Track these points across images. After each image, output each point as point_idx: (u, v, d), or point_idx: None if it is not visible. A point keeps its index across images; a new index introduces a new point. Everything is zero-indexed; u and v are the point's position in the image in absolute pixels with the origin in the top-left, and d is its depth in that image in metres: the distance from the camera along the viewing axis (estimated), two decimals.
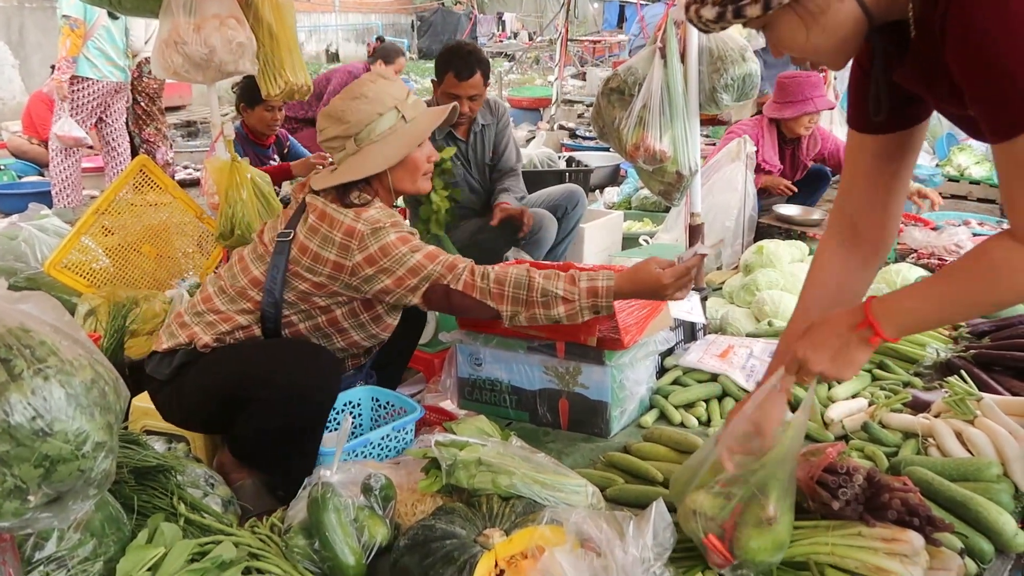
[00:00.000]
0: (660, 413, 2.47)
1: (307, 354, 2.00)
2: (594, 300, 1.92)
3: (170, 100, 6.33)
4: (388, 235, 1.98)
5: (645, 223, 4.63)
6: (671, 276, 1.90)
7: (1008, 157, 1.18)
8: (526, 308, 1.96)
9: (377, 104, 2.03)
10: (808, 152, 4.36)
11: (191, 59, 2.92)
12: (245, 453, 2.06)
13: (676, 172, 2.98)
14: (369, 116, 2.02)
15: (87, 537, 1.50)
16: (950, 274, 1.32)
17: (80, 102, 5.02)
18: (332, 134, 2.07)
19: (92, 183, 5.79)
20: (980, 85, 1.16)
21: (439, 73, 3.30)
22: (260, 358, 1.99)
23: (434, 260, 1.99)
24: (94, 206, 3.20)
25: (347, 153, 2.05)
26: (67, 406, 1.19)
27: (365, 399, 2.39)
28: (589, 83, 9.13)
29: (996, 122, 1.17)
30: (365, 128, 2.03)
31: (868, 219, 1.56)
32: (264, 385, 1.90)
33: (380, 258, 1.98)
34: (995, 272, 1.23)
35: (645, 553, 1.47)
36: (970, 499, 1.75)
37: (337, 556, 1.63)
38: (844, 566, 1.54)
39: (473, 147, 3.50)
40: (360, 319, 2.14)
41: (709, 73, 3.04)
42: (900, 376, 2.51)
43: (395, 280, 1.99)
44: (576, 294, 1.92)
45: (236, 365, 1.99)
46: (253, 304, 2.07)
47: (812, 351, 1.44)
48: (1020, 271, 1.21)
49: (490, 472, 1.78)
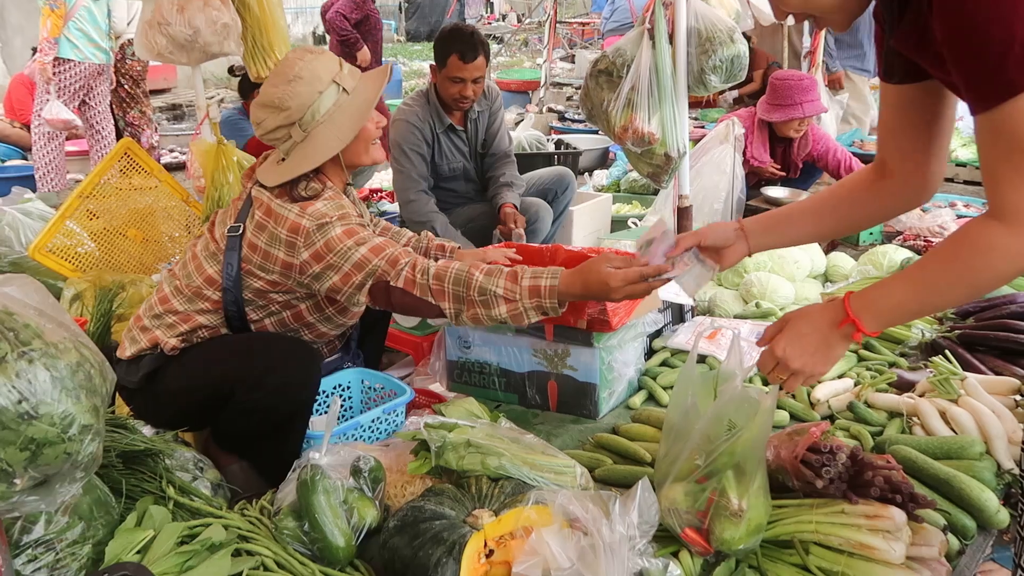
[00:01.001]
0: (648, 394, 2.48)
1: (284, 349, 1.97)
2: (538, 300, 1.79)
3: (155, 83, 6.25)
4: (334, 229, 1.88)
5: (634, 205, 4.63)
6: (620, 280, 1.72)
7: (988, 129, 1.14)
8: (467, 307, 1.85)
9: (315, 82, 1.89)
10: (799, 152, 4.33)
11: (175, 40, 2.89)
12: (229, 445, 2.06)
13: (664, 154, 2.98)
14: (310, 97, 1.89)
15: (75, 520, 1.50)
16: (930, 262, 1.28)
17: (63, 84, 4.95)
18: (273, 124, 1.92)
19: (76, 167, 5.74)
20: (962, 52, 1.12)
21: (441, 56, 3.22)
22: (236, 356, 1.96)
23: (379, 254, 1.89)
24: (79, 190, 3.17)
25: (294, 142, 1.92)
26: (52, 389, 1.18)
27: (355, 381, 2.39)
28: (578, 65, 9.09)
29: (977, 91, 1.13)
30: (308, 111, 1.89)
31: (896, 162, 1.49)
32: (244, 384, 1.88)
33: (326, 254, 1.88)
34: (975, 255, 1.19)
35: (631, 531, 1.49)
36: (953, 477, 1.78)
37: (327, 538, 1.64)
38: (828, 543, 1.56)
39: (469, 135, 3.46)
40: (326, 313, 2.10)
41: (698, 55, 3.03)
42: (886, 356, 2.53)
43: (342, 277, 1.90)
44: (517, 293, 1.80)
45: (212, 366, 1.96)
46: (211, 304, 2.02)
47: (791, 350, 1.39)
48: (1000, 252, 1.17)
49: (479, 453, 1.78)
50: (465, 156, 3.45)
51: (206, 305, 2.03)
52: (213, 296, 2.02)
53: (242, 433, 1.98)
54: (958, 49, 1.13)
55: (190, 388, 1.97)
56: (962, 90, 1.17)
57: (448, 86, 3.24)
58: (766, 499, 1.59)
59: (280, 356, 1.93)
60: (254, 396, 1.88)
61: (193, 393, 1.97)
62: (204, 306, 2.03)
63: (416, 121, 3.29)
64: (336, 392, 2.33)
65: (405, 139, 3.27)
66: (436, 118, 3.33)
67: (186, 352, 2.02)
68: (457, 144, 3.42)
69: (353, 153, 2.01)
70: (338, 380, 2.35)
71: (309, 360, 1.98)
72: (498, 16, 20.17)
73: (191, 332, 2.03)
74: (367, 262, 1.88)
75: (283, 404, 1.92)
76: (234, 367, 1.92)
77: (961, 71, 1.14)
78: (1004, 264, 1.18)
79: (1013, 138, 1.11)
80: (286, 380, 1.90)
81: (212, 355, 2.00)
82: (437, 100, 3.33)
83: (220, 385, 1.92)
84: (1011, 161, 1.12)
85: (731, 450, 1.55)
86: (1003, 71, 1.08)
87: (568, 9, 14.53)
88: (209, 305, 2.02)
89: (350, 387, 2.38)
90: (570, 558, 1.45)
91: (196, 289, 2.03)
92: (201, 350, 2.02)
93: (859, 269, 3.36)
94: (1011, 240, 1.15)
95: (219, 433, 2.07)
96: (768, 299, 3.03)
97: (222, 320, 2.04)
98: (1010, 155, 1.12)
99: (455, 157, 3.41)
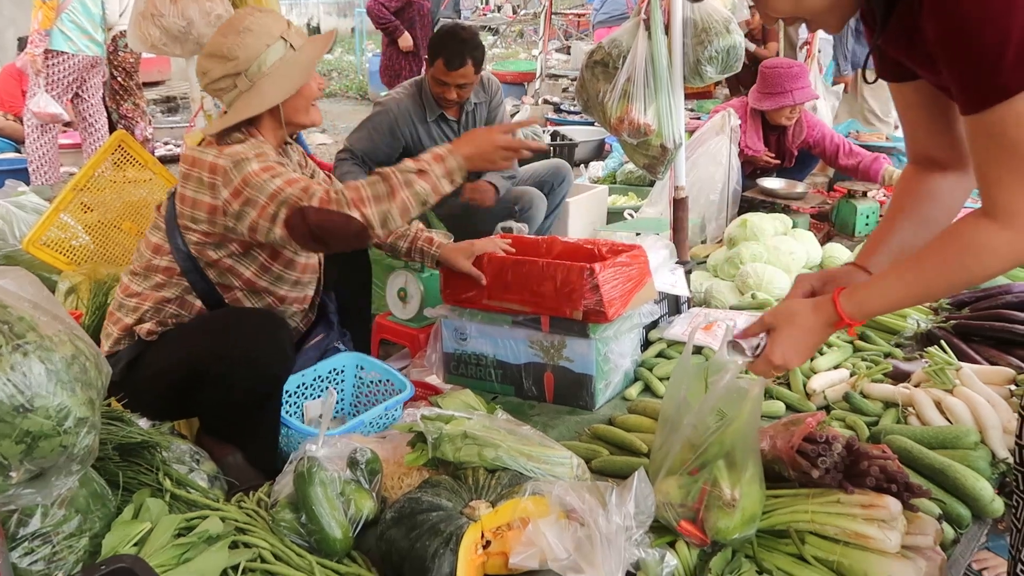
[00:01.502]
0: (644, 385, 2.49)
1: (254, 323, 1.96)
2: (444, 165, 1.90)
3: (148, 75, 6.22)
4: (250, 165, 1.91)
5: (630, 197, 4.63)
6: (502, 138, 1.95)
7: (980, 130, 1.13)
8: (391, 199, 1.86)
9: (264, 36, 1.96)
10: (794, 139, 4.33)
11: (169, 32, 2.88)
12: (215, 429, 2.04)
13: (660, 145, 2.97)
14: (257, 49, 1.95)
15: (72, 513, 1.50)
16: (924, 260, 1.27)
17: (55, 77, 4.92)
18: (220, 73, 1.97)
19: (70, 159, 5.71)
20: (954, 52, 1.11)
21: (431, 56, 3.25)
22: (208, 334, 1.96)
23: (292, 184, 1.89)
24: (72, 183, 3.15)
25: (239, 91, 1.97)
26: (47, 382, 1.18)
27: (350, 367, 2.39)
28: (574, 57, 9.06)
29: (969, 93, 1.12)
30: (255, 62, 1.95)
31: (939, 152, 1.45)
32: (215, 360, 1.88)
33: (243, 189, 1.89)
34: (969, 254, 1.19)
35: (627, 522, 1.49)
36: (948, 466, 1.79)
37: (324, 530, 1.64)
38: (824, 533, 1.57)
39: (465, 126, 3.45)
40: (273, 271, 2.10)
41: (693, 45, 3.02)
42: (881, 347, 2.54)
43: (259, 211, 1.89)
44: (428, 164, 1.89)
45: (184, 345, 1.97)
46: (164, 273, 2.03)
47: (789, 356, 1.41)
48: (993, 250, 1.17)
49: (476, 445, 1.78)
50: None
51: (160, 277, 2.04)
52: (163, 263, 2.03)
53: (221, 415, 1.97)
54: (950, 50, 1.11)
55: (167, 370, 1.96)
56: (953, 91, 1.16)
57: (433, 84, 3.29)
58: (760, 488, 1.60)
59: (250, 330, 1.92)
60: (224, 371, 1.87)
61: (170, 376, 1.96)
62: (159, 279, 2.05)
63: (392, 107, 3.34)
64: (331, 376, 2.34)
65: (372, 119, 3.36)
66: (426, 107, 3.35)
67: (163, 336, 2.03)
68: (446, 134, 3.41)
69: (293, 109, 2.04)
70: (333, 364, 2.35)
71: (277, 333, 1.96)
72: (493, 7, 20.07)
73: (157, 310, 2.04)
74: (280, 191, 1.88)
75: (253, 379, 1.90)
76: (206, 344, 1.92)
77: (953, 72, 1.13)
78: (997, 262, 1.19)
79: (1005, 141, 1.10)
80: (255, 353, 1.89)
81: (186, 335, 2.01)
82: (432, 92, 3.33)
83: (194, 364, 1.91)
84: (1003, 163, 1.12)
85: (721, 440, 1.55)
86: (997, 74, 1.06)
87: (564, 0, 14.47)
88: (162, 276, 2.04)
89: (344, 371, 2.38)
90: (567, 549, 1.46)
91: (147, 263, 2.06)
92: (177, 332, 2.03)
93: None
94: (1004, 239, 1.15)
95: (204, 419, 2.06)
96: (764, 290, 3.03)
97: (187, 290, 2.04)
98: (1002, 157, 1.12)
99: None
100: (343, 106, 11.15)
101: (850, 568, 1.52)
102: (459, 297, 2.47)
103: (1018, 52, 1.04)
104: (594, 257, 2.48)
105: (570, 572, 1.43)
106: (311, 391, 2.30)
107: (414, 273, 2.75)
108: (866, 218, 3.94)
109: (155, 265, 2.05)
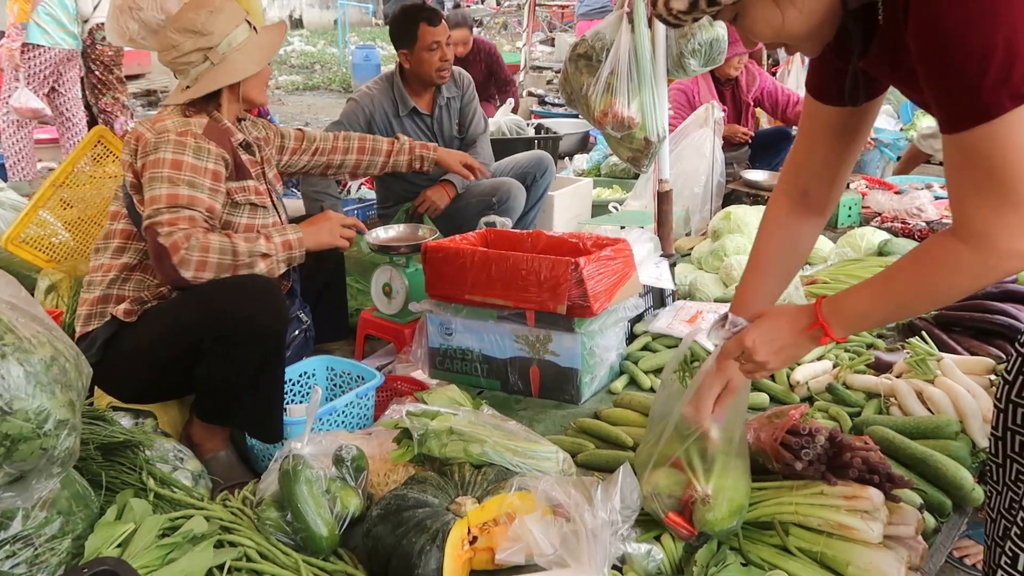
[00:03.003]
0: (630, 379, 2.49)
1: (243, 285, 1.95)
2: (289, 253, 2.06)
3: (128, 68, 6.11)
4: (164, 150, 1.98)
5: (614, 190, 4.63)
6: (341, 228, 2.19)
7: (957, 150, 1.13)
8: (229, 270, 1.97)
9: (233, 16, 2.12)
10: (748, 90, 4.45)
11: (147, 25, 2.82)
12: (213, 408, 2.00)
13: (644, 138, 2.97)
14: (228, 28, 2.10)
15: (54, 515, 1.48)
16: (897, 275, 1.28)
17: (32, 71, 4.85)
18: (191, 47, 2.08)
19: (48, 155, 5.63)
20: (936, 70, 1.10)
21: (407, 33, 3.26)
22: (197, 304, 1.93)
23: (172, 203, 1.94)
24: (51, 178, 3.11)
25: (210, 64, 2.10)
26: (26, 384, 1.16)
27: (320, 368, 2.40)
28: (558, 49, 9.06)
29: (949, 111, 1.11)
30: (226, 39, 2.10)
31: (819, 188, 1.53)
32: (213, 328, 1.86)
33: (147, 170, 1.99)
34: (939, 273, 1.20)
35: (613, 516, 1.50)
36: (930, 456, 1.81)
37: (310, 527, 1.63)
38: (808, 524, 1.58)
39: (439, 120, 3.45)
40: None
41: (676, 38, 3.02)
42: (864, 338, 2.56)
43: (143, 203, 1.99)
44: (276, 248, 2.03)
45: (173, 317, 1.96)
46: (121, 237, 2.11)
47: (760, 343, 1.43)
48: (964, 272, 1.17)
49: (462, 441, 1.78)
50: (433, 141, 3.42)
51: (118, 241, 2.11)
52: (119, 226, 2.11)
53: (221, 387, 1.93)
54: (932, 68, 1.11)
55: (152, 347, 1.94)
56: (934, 109, 1.15)
57: (426, 59, 3.27)
58: (746, 481, 1.61)
59: (241, 292, 1.93)
60: (223, 335, 1.86)
61: (157, 352, 1.94)
62: (117, 242, 2.11)
63: (366, 102, 3.35)
64: (303, 379, 2.34)
65: (346, 115, 3.36)
66: (398, 102, 3.35)
67: (144, 315, 2.02)
68: (420, 128, 3.40)
69: (252, 86, 2.22)
70: (303, 368, 2.35)
71: (271, 291, 1.97)
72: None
73: (123, 280, 2.07)
74: (154, 202, 1.95)
75: (256, 339, 1.89)
76: (197, 313, 1.90)
77: (934, 89, 1.12)
78: (967, 282, 1.19)
79: (981, 163, 1.09)
80: (254, 313, 1.88)
81: (171, 308, 2.00)
82: (402, 84, 3.34)
83: (186, 334, 1.89)
84: (978, 185, 1.11)
85: (703, 434, 1.56)
86: (978, 94, 1.06)
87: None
88: (120, 239, 2.11)
89: (315, 374, 2.38)
90: (553, 544, 1.46)
91: (107, 231, 2.14)
92: (158, 308, 2.03)
93: (837, 251, 3.39)
94: (974, 260, 1.15)
95: (198, 398, 2.02)
96: None
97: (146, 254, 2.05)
98: (977, 179, 1.11)
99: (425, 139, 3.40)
100: (326, 99, 11.08)
101: (833, 559, 1.53)
102: (444, 292, 2.47)
103: (999, 74, 1.03)
104: (579, 251, 2.48)
105: (556, 567, 1.44)
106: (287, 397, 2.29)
107: (399, 268, 2.74)
108: (848, 209, 3.97)
109: (113, 230, 2.12)
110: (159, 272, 1.99)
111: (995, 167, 1.08)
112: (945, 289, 1.22)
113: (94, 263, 2.14)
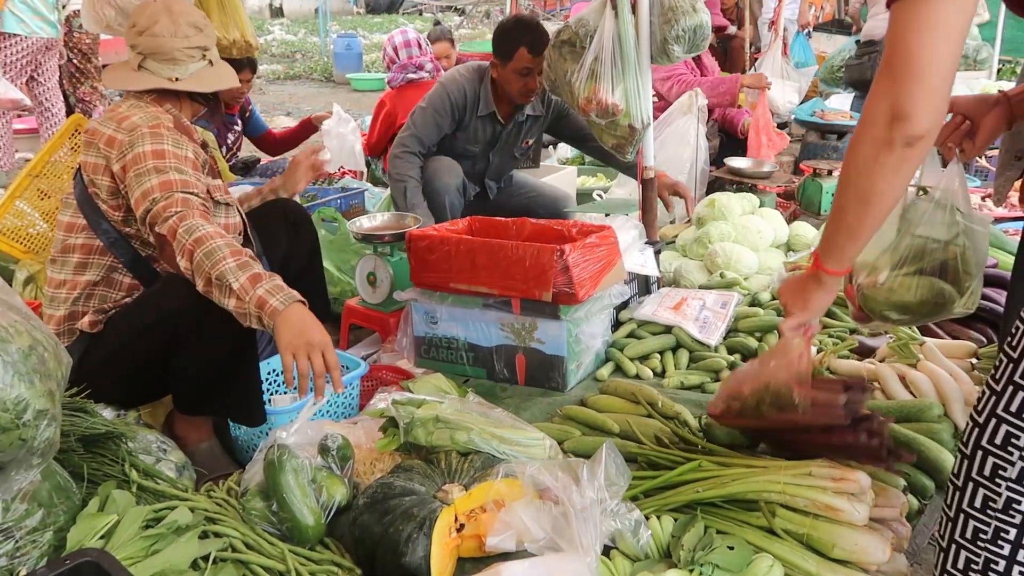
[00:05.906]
0: (616, 366, 2.50)
1: None
2: (259, 312, 1.69)
3: (106, 57, 6.02)
4: (143, 144, 1.91)
5: (599, 178, 4.63)
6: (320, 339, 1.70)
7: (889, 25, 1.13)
8: (203, 281, 1.75)
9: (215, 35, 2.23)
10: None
11: (124, 12, 2.79)
12: (193, 398, 1.97)
13: (628, 125, 2.96)
14: (214, 41, 2.19)
15: (35, 507, 1.46)
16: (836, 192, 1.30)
17: (9, 60, 4.76)
18: (199, 43, 2.09)
19: (25, 145, 5.55)
20: None
21: (507, 49, 3.13)
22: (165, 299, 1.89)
23: (166, 189, 1.85)
24: (28, 168, 3.06)
25: (207, 62, 2.12)
26: (4, 373, 1.14)
27: None
28: None
29: None
30: (214, 48, 2.17)
31: None
32: (186, 319, 1.83)
33: (130, 169, 1.89)
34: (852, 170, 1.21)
35: (601, 494, 1.50)
36: (913, 439, 1.82)
37: (296, 517, 1.62)
38: (795, 505, 1.59)
39: (511, 133, 3.38)
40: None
41: (660, 24, 3.00)
42: (847, 323, 2.58)
43: (134, 202, 1.88)
44: (248, 296, 1.70)
45: (142, 321, 1.91)
46: (81, 252, 2.02)
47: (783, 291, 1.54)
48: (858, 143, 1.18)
49: (448, 429, 1.78)
50: (487, 147, 3.37)
51: (78, 256, 2.02)
52: (78, 241, 2.02)
53: (198, 378, 1.91)
54: None
55: (126, 350, 1.91)
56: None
57: (514, 80, 3.16)
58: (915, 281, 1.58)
59: None
60: (196, 325, 1.83)
61: (132, 354, 1.91)
62: (77, 258, 2.02)
63: (456, 93, 3.24)
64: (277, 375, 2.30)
65: (433, 102, 3.26)
66: (481, 100, 3.27)
67: (110, 322, 1.99)
68: (488, 134, 3.34)
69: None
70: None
71: None
72: None
73: (88, 296, 2.01)
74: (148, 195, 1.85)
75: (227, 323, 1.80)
76: (168, 308, 1.86)
77: None
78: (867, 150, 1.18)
79: (890, 40, 1.11)
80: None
81: (136, 307, 1.97)
82: (491, 87, 3.26)
83: (160, 331, 1.86)
84: (884, 61, 1.12)
85: None
86: None
87: None
88: (80, 255, 2.02)
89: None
90: (543, 529, 1.46)
91: (62, 244, 2.04)
92: (125, 312, 1.99)
93: (821, 237, 3.40)
94: (870, 145, 1.16)
95: (178, 392, 1.98)
96: (732, 269, 3.05)
97: (110, 268, 2.01)
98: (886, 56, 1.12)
99: (475, 143, 3.34)
100: (308, 88, 10.98)
101: (819, 540, 1.54)
102: (429, 280, 2.45)
103: None
104: (564, 238, 2.47)
105: (548, 551, 1.44)
106: (272, 387, 2.27)
107: (383, 257, 2.72)
108: (832, 196, 3.98)
109: (71, 244, 2.03)
110: (169, 266, 1.94)
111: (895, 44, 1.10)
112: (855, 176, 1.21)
113: (54, 276, 2.06)
